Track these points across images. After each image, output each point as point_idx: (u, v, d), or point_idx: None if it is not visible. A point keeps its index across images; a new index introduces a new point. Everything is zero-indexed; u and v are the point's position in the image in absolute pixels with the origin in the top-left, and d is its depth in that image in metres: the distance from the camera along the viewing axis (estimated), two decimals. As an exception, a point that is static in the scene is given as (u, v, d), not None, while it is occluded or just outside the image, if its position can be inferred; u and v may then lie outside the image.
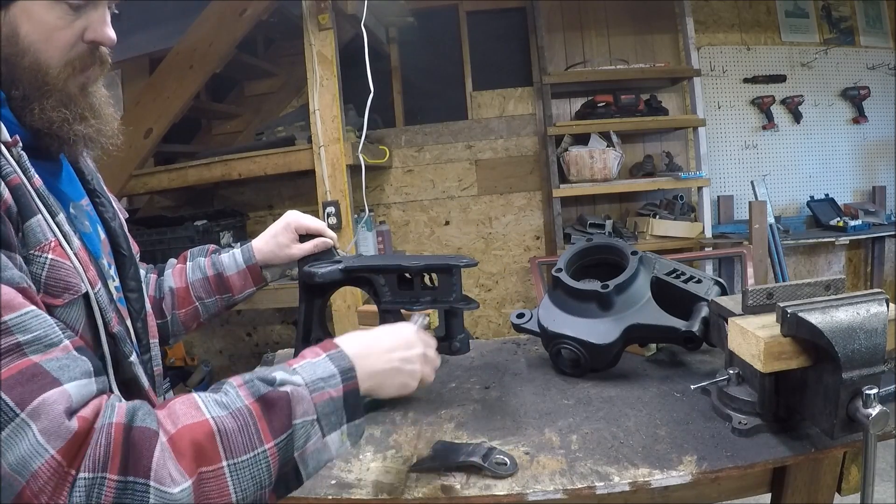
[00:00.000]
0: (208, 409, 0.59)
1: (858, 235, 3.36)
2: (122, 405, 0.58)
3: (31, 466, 0.51)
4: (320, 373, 0.67)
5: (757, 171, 3.57)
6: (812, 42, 3.63)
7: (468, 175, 3.62)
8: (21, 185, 0.65)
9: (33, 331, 0.56)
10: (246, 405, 0.61)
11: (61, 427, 0.52)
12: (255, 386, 0.63)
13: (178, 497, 0.54)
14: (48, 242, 0.67)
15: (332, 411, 0.66)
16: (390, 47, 3.57)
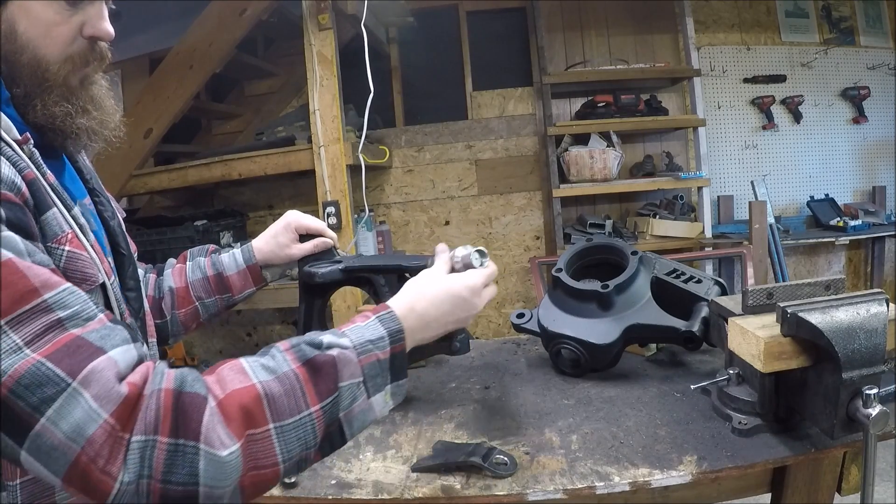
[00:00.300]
0: (255, 374, 0.61)
1: (858, 235, 3.36)
2: (170, 371, 0.59)
3: (87, 432, 0.52)
4: (369, 335, 0.68)
5: (757, 171, 3.57)
6: (812, 42, 3.63)
7: (468, 175, 3.62)
8: (36, 179, 0.66)
9: (72, 306, 0.57)
10: (292, 369, 0.62)
11: (112, 391, 0.54)
12: (301, 350, 0.64)
13: (227, 459, 0.56)
14: (65, 234, 0.68)
15: (379, 373, 0.67)
16: (390, 47, 3.57)
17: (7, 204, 0.59)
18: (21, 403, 0.52)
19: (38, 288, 0.56)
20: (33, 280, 0.56)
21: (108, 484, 0.53)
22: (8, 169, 0.62)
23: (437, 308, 0.77)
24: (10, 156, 0.64)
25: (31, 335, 0.54)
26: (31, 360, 0.53)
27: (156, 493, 0.54)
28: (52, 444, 0.52)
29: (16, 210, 0.60)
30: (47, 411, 0.52)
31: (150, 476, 0.53)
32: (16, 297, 0.54)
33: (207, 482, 0.55)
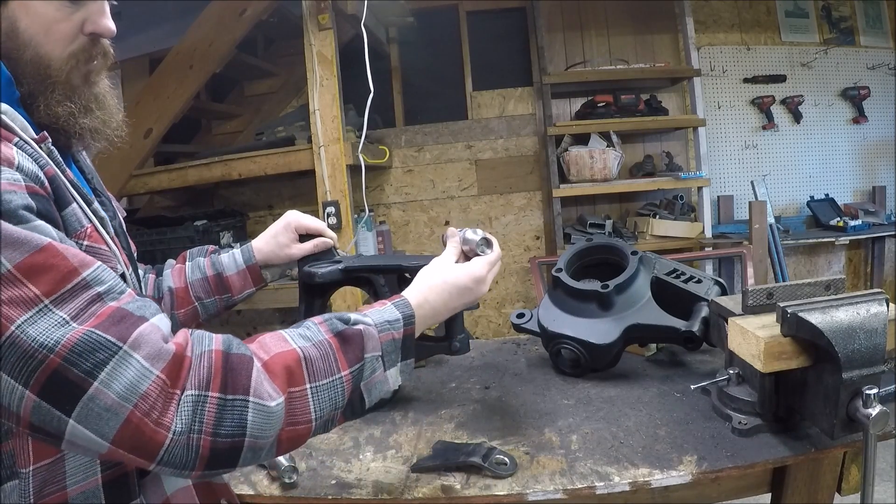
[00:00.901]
0: (294, 341, 0.67)
1: (858, 235, 3.36)
2: (218, 336, 0.64)
3: (140, 388, 0.55)
4: (387, 316, 0.75)
5: (757, 171, 3.57)
6: (812, 42, 3.63)
7: (468, 175, 3.62)
8: (56, 175, 0.68)
9: (107, 282, 0.61)
10: (326, 339, 0.69)
11: (162, 350, 0.58)
12: (333, 323, 0.71)
13: (275, 409, 0.61)
14: (84, 229, 0.71)
15: (393, 350, 0.74)
16: (390, 47, 3.57)
17: (35, 196, 0.62)
18: (74, 370, 0.54)
19: (77, 267, 0.59)
20: (72, 260, 0.59)
21: (162, 435, 0.56)
22: (30, 163, 0.64)
23: (444, 300, 0.83)
24: (31, 152, 0.66)
25: (76, 310, 0.57)
26: (81, 330, 0.56)
27: (205, 447, 0.58)
28: (105, 406, 0.54)
29: (43, 202, 0.63)
30: (100, 374, 0.55)
31: (201, 430, 0.57)
32: (59, 278, 0.57)
33: (254, 433, 0.60)
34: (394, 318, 0.75)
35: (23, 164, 0.63)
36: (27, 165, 0.63)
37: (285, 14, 2.72)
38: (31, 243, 0.57)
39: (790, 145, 3.65)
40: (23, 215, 0.58)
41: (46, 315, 0.56)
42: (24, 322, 0.54)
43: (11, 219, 0.57)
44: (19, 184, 0.60)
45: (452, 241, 0.91)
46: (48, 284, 0.57)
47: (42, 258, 0.57)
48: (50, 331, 0.55)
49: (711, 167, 3.46)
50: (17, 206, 0.58)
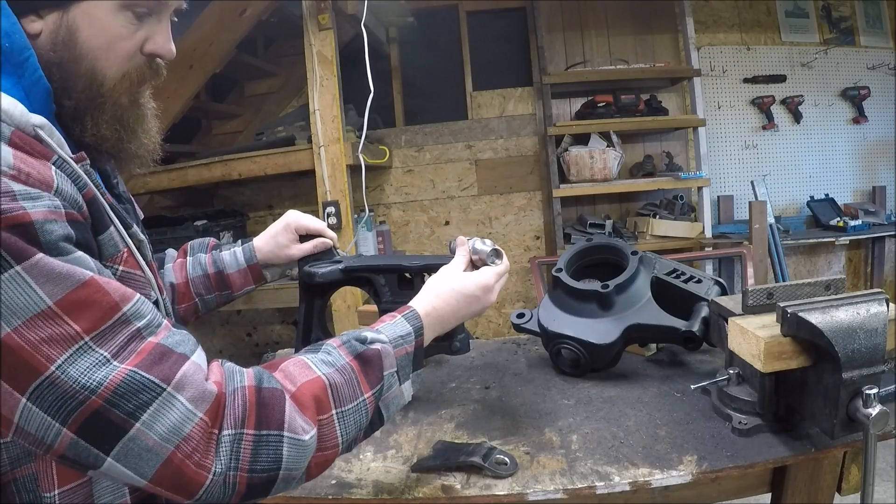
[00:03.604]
0: (318, 368, 0.67)
1: (858, 235, 3.36)
2: (248, 370, 0.64)
3: (183, 430, 0.56)
4: (399, 331, 0.76)
5: (757, 171, 3.57)
6: (812, 42, 3.62)
7: (468, 175, 3.62)
8: (95, 197, 0.65)
9: (146, 315, 0.60)
10: (347, 362, 0.69)
11: (206, 392, 0.58)
12: (352, 346, 0.71)
13: (308, 442, 0.62)
14: (120, 254, 0.68)
15: (407, 364, 0.75)
16: (390, 47, 3.57)
17: (75, 224, 0.59)
18: (116, 411, 0.54)
19: (118, 302, 0.57)
20: (114, 295, 0.58)
21: (203, 476, 0.56)
22: (69, 186, 0.61)
23: (452, 308, 0.83)
24: (71, 172, 0.62)
25: (117, 347, 0.56)
26: (124, 370, 0.55)
27: (241, 483, 0.58)
28: (146, 446, 0.54)
29: (82, 229, 0.61)
30: (143, 416, 0.54)
31: (237, 468, 0.58)
32: (100, 315, 0.56)
33: (288, 465, 0.61)
34: (406, 332, 0.76)
35: (62, 186, 0.59)
36: (66, 188, 0.60)
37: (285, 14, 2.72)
38: (72, 278, 0.55)
39: (790, 145, 3.65)
40: (63, 247, 0.56)
41: (87, 353, 0.54)
42: (64, 362, 0.53)
43: (52, 251, 0.55)
44: (59, 211, 0.57)
45: (462, 248, 0.91)
46: (89, 321, 0.55)
47: (85, 294, 0.56)
48: (91, 370, 0.54)
49: (711, 167, 3.46)
50: (58, 238, 0.56)
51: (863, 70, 3.64)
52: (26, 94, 0.64)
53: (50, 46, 0.66)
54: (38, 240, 0.54)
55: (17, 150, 0.57)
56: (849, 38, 3.64)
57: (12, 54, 0.63)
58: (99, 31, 0.67)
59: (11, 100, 0.59)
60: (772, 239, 3.13)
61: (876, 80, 3.63)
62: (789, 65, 3.62)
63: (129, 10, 0.68)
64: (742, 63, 3.60)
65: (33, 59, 0.64)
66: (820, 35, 3.64)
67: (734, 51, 3.60)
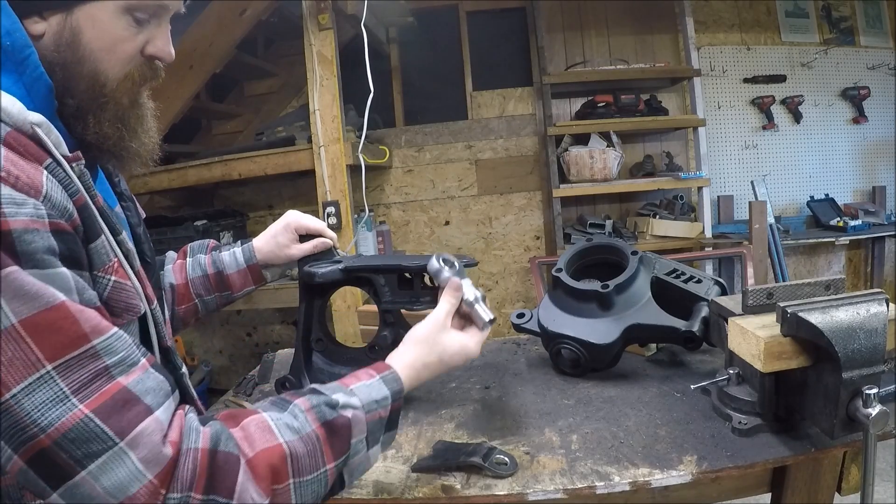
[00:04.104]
0: (281, 434, 0.63)
1: (858, 235, 3.36)
2: (205, 431, 0.60)
3: (129, 490, 0.53)
4: (375, 395, 0.71)
5: (757, 171, 3.57)
6: (812, 42, 3.63)
7: (468, 175, 3.62)
8: (86, 204, 0.64)
9: (118, 352, 0.57)
10: (313, 430, 0.65)
11: (159, 455, 0.55)
12: (321, 411, 0.67)
13: None
14: (111, 264, 0.67)
15: (378, 428, 0.71)
16: (390, 47, 3.57)
17: (61, 234, 0.58)
18: (63, 455, 0.52)
19: (87, 333, 0.55)
20: (84, 325, 0.55)
21: None
22: (60, 194, 0.60)
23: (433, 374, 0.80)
24: (63, 178, 0.62)
25: (78, 383, 0.54)
26: (79, 413, 0.53)
27: None
28: (90, 495, 0.53)
29: (68, 240, 0.59)
30: (90, 465, 0.53)
31: None
32: (66, 342, 0.54)
33: None
34: (382, 397, 0.72)
35: (51, 193, 0.58)
36: (56, 195, 0.59)
37: (285, 14, 2.72)
38: (42, 298, 0.53)
39: (790, 145, 3.65)
40: (42, 259, 0.54)
41: (46, 385, 0.52)
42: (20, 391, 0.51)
43: (29, 262, 0.53)
44: (42, 220, 0.56)
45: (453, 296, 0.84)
46: (53, 349, 0.53)
47: (52, 318, 0.53)
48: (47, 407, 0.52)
49: (711, 167, 3.46)
50: (38, 249, 0.54)
51: (863, 70, 3.64)
52: (27, 91, 0.65)
53: (53, 47, 0.68)
54: (14, 250, 0.52)
55: (9, 152, 0.57)
56: (849, 38, 3.64)
57: (13, 52, 0.64)
58: (102, 34, 0.69)
59: (10, 97, 0.60)
60: (772, 239, 3.13)
61: (876, 80, 3.63)
62: (789, 65, 3.62)
63: (130, 13, 0.70)
64: (742, 63, 3.60)
65: (34, 56, 0.65)
66: (820, 35, 3.64)
67: (734, 51, 3.60)
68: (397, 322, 1.11)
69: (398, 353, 0.79)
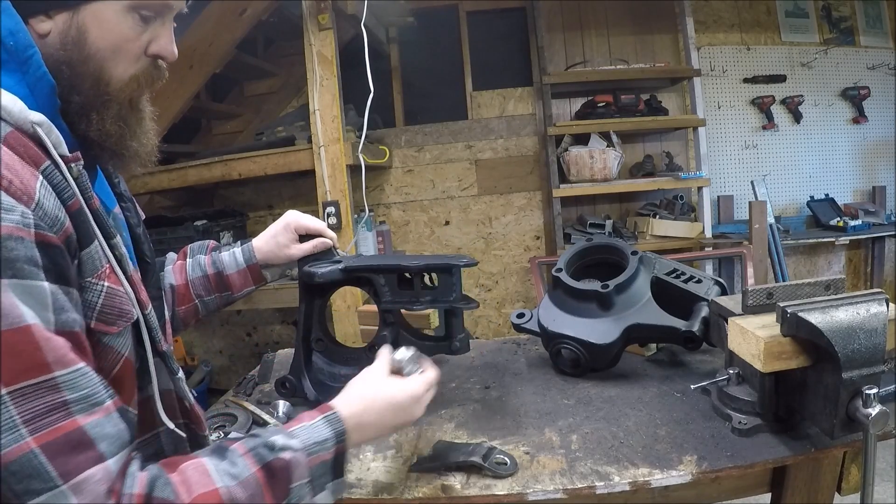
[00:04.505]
0: (220, 479, 0.61)
1: (858, 235, 3.36)
2: (142, 475, 0.58)
3: None
4: (316, 437, 0.69)
5: (757, 171, 3.57)
6: (812, 42, 3.63)
7: (468, 175, 3.62)
8: (81, 209, 0.64)
9: (81, 389, 0.56)
10: (252, 473, 0.63)
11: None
12: (259, 454, 0.65)
13: None
14: (104, 269, 0.66)
15: (323, 473, 0.69)
16: (390, 47, 3.57)
17: (46, 247, 0.57)
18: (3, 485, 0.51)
19: (49, 363, 0.54)
20: (48, 354, 0.54)
21: None
22: (53, 202, 0.59)
23: (377, 416, 0.76)
24: (59, 183, 0.62)
25: (32, 413, 0.52)
26: (26, 446, 0.51)
27: None
28: None
29: (54, 254, 0.58)
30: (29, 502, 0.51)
31: None
32: (24, 368, 0.52)
33: None
34: (323, 439, 0.69)
35: (43, 201, 0.58)
36: (48, 204, 0.58)
37: (285, 14, 2.72)
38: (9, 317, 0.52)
39: (790, 145, 3.65)
40: (22, 269, 0.53)
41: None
42: None
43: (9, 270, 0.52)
44: (28, 230, 0.55)
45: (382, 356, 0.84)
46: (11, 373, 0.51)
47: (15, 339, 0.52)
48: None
49: (711, 167, 3.46)
50: (19, 257, 0.53)
51: (863, 70, 3.64)
52: (31, 90, 0.65)
53: (60, 45, 0.68)
54: None
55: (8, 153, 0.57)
56: (849, 38, 3.64)
57: (17, 52, 0.64)
58: (107, 33, 0.69)
59: (11, 97, 0.60)
60: (772, 239, 3.13)
61: (876, 80, 3.63)
62: (789, 65, 3.62)
63: (135, 12, 0.70)
64: (742, 63, 3.60)
65: (37, 56, 0.65)
66: (820, 35, 3.64)
67: (734, 51, 3.60)
68: (397, 322, 1.11)
69: (339, 397, 0.77)
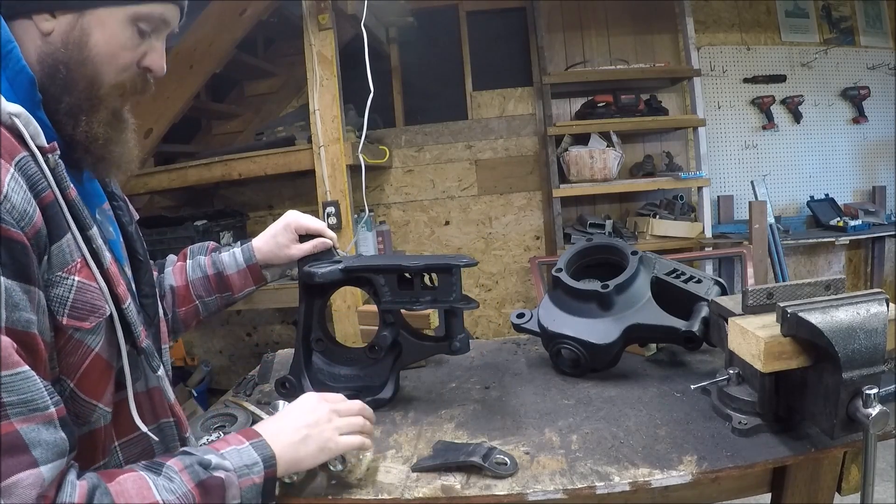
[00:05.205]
0: (159, 493, 0.62)
1: (858, 235, 3.36)
2: (82, 484, 0.58)
3: None
4: (245, 460, 0.71)
5: (757, 171, 3.57)
6: (812, 42, 3.63)
7: (468, 175, 3.62)
8: (54, 201, 0.65)
9: (21, 392, 0.55)
10: (189, 490, 0.64)
11: None
12: (195, 471, 0.66)
13: None
14: (75, 263, 0.67)
15: (255, 495, 0.70)
16: (390, 47, 3.57)
17: (9, 242, 0.57)
18: None
19: None
20: None
21: None
22: (23, 195, 0.60)
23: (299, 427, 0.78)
24: (33, 174, 0.62)
25: None
26: None
27: None
28: None
29: (16, 250, 0.58)
30: None
31: None
32: None
33: None
34: (252, 462, 0.71)
35: (12, 194, 0.58)
36: (16, 198, 0.59)
37: (285, 14, 2.72)
38: None
39: (790, 145, 3.66)
40: None
41: None
42: None
43: None
44: None
45: None
46: None
47: None
48: None
49: (711, 167, 3.46)
50: None
51: (863, 70, 3.64)
52: (10, 83, 0.67)
53: (61, 45, 0.70)
54: None
55: None
56: (849, 38, 3.64)
57: None
58: (108, 39, 0.72)
59: None
60: (772, 239, 3.13)
61: (876, 80, 3.63)
62: (789, 65, 3.62)
63: (135, 24, 0.74)
64: (742, 63, 3.60)
65: (16, 50, 0.68)
66: (820, 35, 3.64)
67: (734, 51, 3.60)
68: (397, 322, 1.11)
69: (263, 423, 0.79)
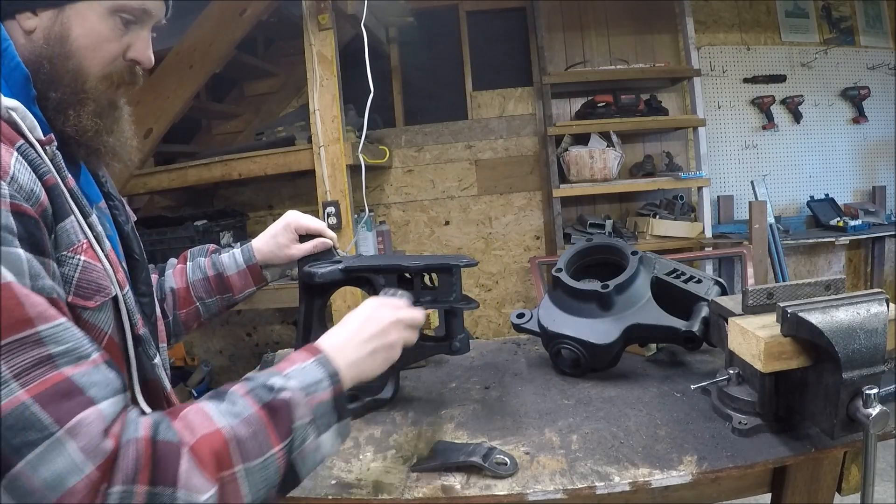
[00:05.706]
0: (222, 418, 0.61)
1: (858, 235, 3.36)
2: (145, 419, 0.58)
3: (67, 482, 0.51)
4: (310, 378, 0.69)
5: (757, 171, 3.57)
6: (812, 42, 3.63)
7: (468, 175, 3.62)
8: (56, 185, 0.67)
9: (65, 342, 0.56)
10: (254, 412, 0.63)
11: (99, 447, 0.53)
12: (258, 394, 0.65)
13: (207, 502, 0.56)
14: (80, 244, 0.69)
15: (325, 413, 0.68)
16: (390, 47, 3.57)
17: (22, 217, 0.58)
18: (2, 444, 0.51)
19: (32, 318, 0.54)
20: (29, 309, 0.54)
21: None
22: (28, 176, 0.62)
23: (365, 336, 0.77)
24: (34, 159, 0.64)
25: (20, 368, 0.52)
26: (17, 399, 0.51)
27: None
28: (29, 489, 0.51)
29: (30, 224, 0.59)
30: (28, 455, 0.51)
31: None
32: (8, 325, 0.53)
33: None
34: (317, 379, 0.69)
35: (19, 175, 0.60)
36: (23, 178, 0.61)
37: (285, 14, 2.72)
38: None
39: (790, 145, 3.66)
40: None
41: None
42: None
43: None
44: (4, 200, 0.57)
45: None
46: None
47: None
48: None
49: (711, 167, 3.46)
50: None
51: (863, 70, 3.64)
52: (6, 79, 0.68)
53: (43, 41, 0.72)
54: None
55: None
56: (849, 38, 3.64)
57: None
58: (89, 32, 0.73)
59: None
60: (772, 239, 3.13)
61: (876, 80, 3.63)
62: (789, 65, 3.62)
63: (117, 15, 0.74)
64: (742, 63, 3.60)
65: (11, 48, 0.69)
66: (820, 35, 3.64)
67: (734, 51, 3.60)
68: None
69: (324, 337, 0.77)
